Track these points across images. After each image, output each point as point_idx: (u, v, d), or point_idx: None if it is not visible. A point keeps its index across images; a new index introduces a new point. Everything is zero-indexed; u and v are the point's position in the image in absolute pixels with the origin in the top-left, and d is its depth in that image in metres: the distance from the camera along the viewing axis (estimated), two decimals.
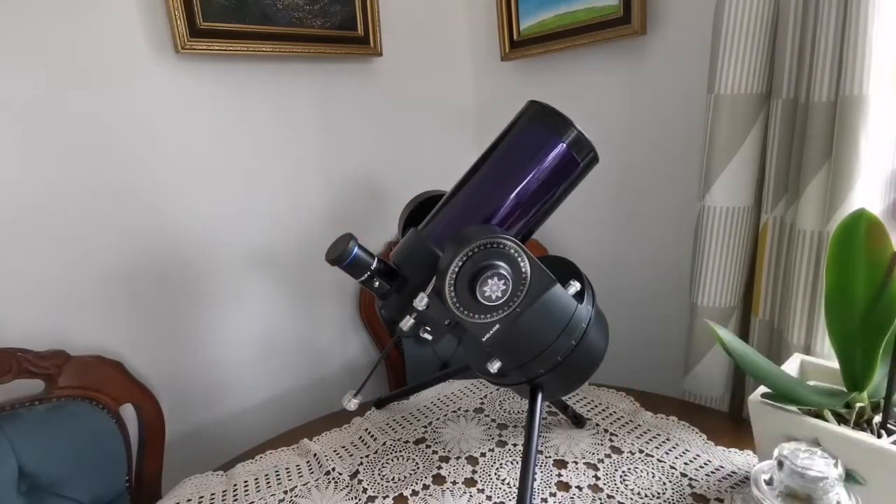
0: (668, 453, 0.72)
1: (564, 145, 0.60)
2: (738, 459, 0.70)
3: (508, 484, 0.69)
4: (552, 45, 1.13)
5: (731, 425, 0.80)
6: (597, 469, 0.71)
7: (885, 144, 0.67)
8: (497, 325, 0.59)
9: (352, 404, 0.59)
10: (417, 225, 0.64)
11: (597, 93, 1.13)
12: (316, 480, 0.73)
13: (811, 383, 0.64)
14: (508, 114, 0.65)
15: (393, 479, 0.73)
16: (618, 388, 0.89)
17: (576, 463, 0.72)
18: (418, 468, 0.74)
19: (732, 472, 0.68)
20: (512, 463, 0.74)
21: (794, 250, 0.76)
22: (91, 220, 0.91)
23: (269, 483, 0.74)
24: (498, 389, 0.93)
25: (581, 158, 0.61)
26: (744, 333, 0.90)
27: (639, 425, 0.79)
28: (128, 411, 0.90)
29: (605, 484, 0.68)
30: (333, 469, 0.75)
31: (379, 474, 0.74)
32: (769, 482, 0.47)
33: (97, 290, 0.93)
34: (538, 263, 0.58)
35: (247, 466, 0.77)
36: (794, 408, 0.57)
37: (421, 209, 0.67)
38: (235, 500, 0.71)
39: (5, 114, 0.83)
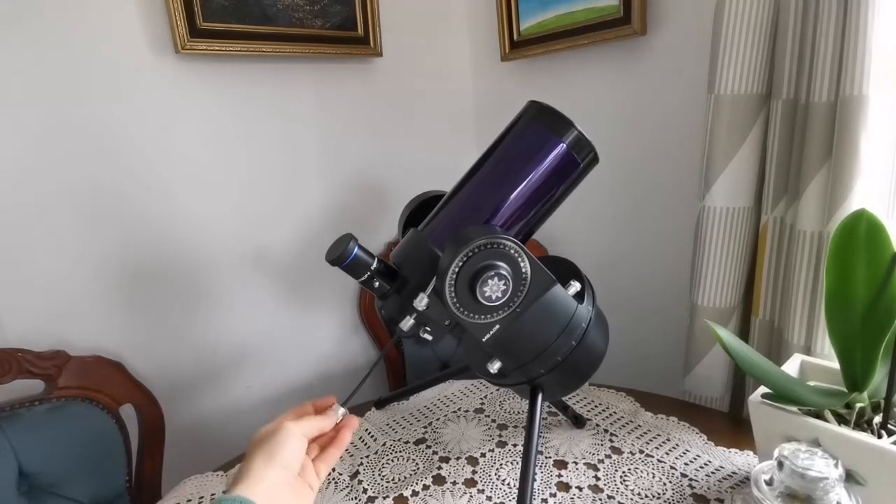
0: (668, 454, 0.72)
1: (564, 146, 0.60)
2: (738, 459, 0.70)
3: (508, 484, 0.69)
4: (552, 46, 1.13)
5: (731, 425, 0.80)
6: (597, 469, 0.71)
7: (885, 144, 0.67)
8: (497, 326, 0.58)
9: (339, 414, 0.58)
10: (417, 225, 0.64)
11: (597, 93, 1.13)
12: None
13: (811, 383, 0.64)
14: (508, 114, 0.65)
15: (393, 479, 0.72)
16: (618, 388, 0.89)
17: (576, 463, 0.72)
18: (418, 468, 0.74)
19: (732, 473, 0.68)
20: (512, 463, 0.74)
21: (794, 251, 0.76)
22: (91, 220, 0.91)
23: None
24: (498, 390, 0.93)
25: (581, 159, 0.61)
26: (744, 333, 0.90)
27: (639, 426, 0.79)
28: (128, 411, 0.90)
29: (605, 484, 0.68)
30: (333, 469, 0.75)
31: (379, 475, 0.74)
32: (769, 482, 0.47)
33: (97, 290, 0.93)
34: (538, 264, 0.58)
35: None
36: (794, 408, 0.57)
37: (421, 209, 0.67)
38: None
39: (5, 115, 0.83)
